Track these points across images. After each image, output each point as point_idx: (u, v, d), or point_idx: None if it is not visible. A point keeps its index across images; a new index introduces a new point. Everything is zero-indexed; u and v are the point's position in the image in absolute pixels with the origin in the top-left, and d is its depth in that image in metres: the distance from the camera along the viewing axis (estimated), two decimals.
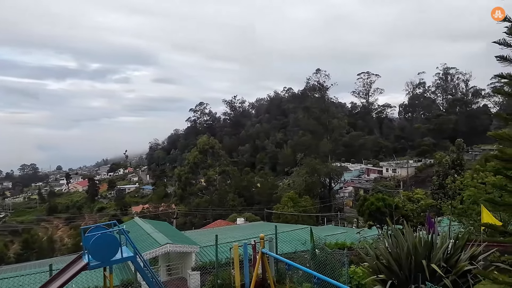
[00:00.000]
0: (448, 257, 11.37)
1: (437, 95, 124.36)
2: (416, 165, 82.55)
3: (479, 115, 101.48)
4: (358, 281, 11.77)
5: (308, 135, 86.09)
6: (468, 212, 23.16)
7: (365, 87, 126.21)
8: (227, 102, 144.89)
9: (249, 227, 30.23)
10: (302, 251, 14.28)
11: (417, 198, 29.71)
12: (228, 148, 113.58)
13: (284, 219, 48.35)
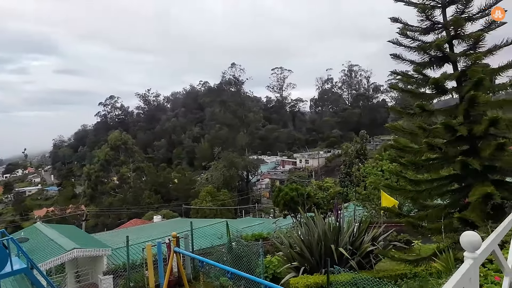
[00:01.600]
0: (353, 240, 12.27)
1: (343, 90, 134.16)
2: (326, 155, 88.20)
3: (379, 108, 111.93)
4: (273, 270, 12.09)
5: (225, 128, 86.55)
6: (370, 197, 25.37)
7: (279, 82, 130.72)
8: (140, 95, 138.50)
9: (167, 225, 29.36)
10: (219, 245, 14.24)
11: (327, 186, 31.69)
12: (143, 143, 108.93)
13: (202, 214, 48.00)
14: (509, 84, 11.53)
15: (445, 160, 11.42)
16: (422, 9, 10.87)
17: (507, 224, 3.35)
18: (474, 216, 9.37)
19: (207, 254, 13.22)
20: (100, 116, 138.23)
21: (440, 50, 11.02)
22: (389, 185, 13.88)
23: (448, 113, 11.53)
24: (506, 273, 3.31)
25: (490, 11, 10.55)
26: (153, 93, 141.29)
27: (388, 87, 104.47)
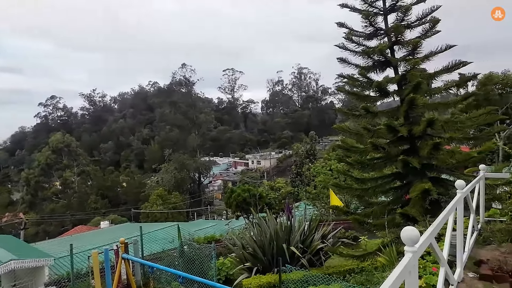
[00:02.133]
0: (304, 238, 12.55)
1: (294, 92, 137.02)
2: (278, 156, 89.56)
3: (328, 110, 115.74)
4: (226, 272, 12.06)
5: (176, 130, 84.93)
6: (320, 196, 26.11)
7: (230, 83, 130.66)
8: (85, 95, 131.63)
9: (115, 231, 28.19)
10: (170, 249, 13.93)
11: (279, 186, 32.19)
12: (88, 146, 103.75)
13: (153, 218, 46.66)
14: (444, 88, 12.47)
15: (388, 159, 12.07)
16: (366, 16, 11.40)
17: (442, 218, 3.61)
18: (414, 211, 9.97)
19: (158, 259, 12.87)
20: (40, 117, 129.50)
21: (382, 55, 11.63)
22: (337, 184, 14.40)
23: (391, 115, 12.19)
24: (442, 264, 3.56)
25: (427, 20, 11.32)
26: (99, 93, 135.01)
27: (335, 90, 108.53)
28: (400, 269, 2.21)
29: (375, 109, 12.16)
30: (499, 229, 6.60)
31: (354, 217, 12.00)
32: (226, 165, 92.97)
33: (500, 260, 5.28)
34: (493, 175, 9.25)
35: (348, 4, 11.83)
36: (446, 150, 11.35)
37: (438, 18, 11.01)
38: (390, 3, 11.64)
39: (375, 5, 11.80)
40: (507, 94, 40.83)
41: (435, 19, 11.02)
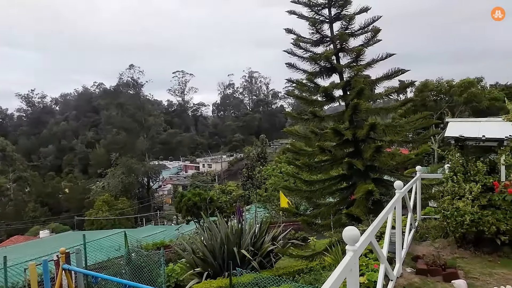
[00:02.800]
0: (255, 241, 12.62)
1: (245, 96, 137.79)
2: (229, 159, 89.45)
3: (278, 114, 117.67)
4: (176, 278, 11.80)
5: (123, 133, 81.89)
6: (271, 198, 26.46)
7: (180, 86, 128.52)
8: (22, 96, 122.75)
9: (55, 240, 26.50)
10: (117, 258, 13.36)
11: (230, 190, 32.17)
12: (26, 150, 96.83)
13: (98, 225, 44.53)
14: (385, 93, 13.20)
15: (334, 161, 12.53)
16: (313, 23, 11.79)
17: (381, 217, 3.83)
18: (359, 211, 10.44)
19: (103, 268, 12.29)
20: None
21: (328, 61, 12.08)
22: (286, 186, 14.67)
23: (337, 119, 12.68)
24: (381, 261, 3.77)
25: (369, 29, 11.94)
26: (38, 94, 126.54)
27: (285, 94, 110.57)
28: (342, 268, 2.32)
29: (322, 113, 12.59)
30: (433, 226, 7.10)
31: (303, 218, 12.31)
32: (176, 169, 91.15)
33: (434, 255, 5.69)
34: (428, 175, 9.92)
35: (295, 11, 12.16)
36: (387, 152, 12.03)
37: (379, 28, 11.67)
38: (335, 12, 12.13)
39: (321, 13, 12.25)
40: (441, 100, 44.15)
41: (376, 29, 11.66)
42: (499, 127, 6.43)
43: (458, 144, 6.68)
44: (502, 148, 6.24)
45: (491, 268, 5.46)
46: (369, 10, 11.84)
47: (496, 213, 5.82)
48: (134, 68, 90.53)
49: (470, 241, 6.11)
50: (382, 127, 11.65)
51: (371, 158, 11.53)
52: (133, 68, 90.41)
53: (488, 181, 6.14)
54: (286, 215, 20.33)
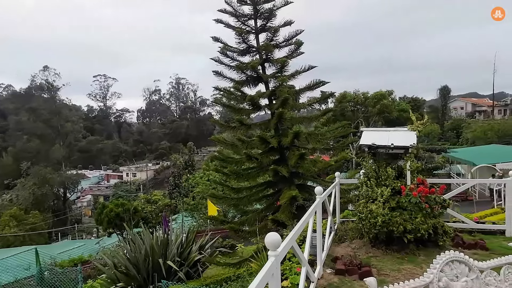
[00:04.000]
0: (181, 251, 12.35)
1: (171, 102, 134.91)
2: (155, 167, 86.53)
3: (206, 121, 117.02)
4: None
5: (36, 140, 74.82)
6: (198, 207, 26.13)
7: (102, 90, 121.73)
8: None
9: None
10: (26, 278, 12.14)
11: (156, 199, 31.08)
12: None
13: (5, 243, 39.92)
14: (307, 103, 13.87)
15: (261, 168, 12.81)
16: (239, 33, 12.03)
17: (302, 222, 4.02)
18: (284, 217, 10.79)
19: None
20: None
21: (254, 71, 12.39)
22: (214, 194, 14.62)
23: (263, 127, 13.02)
24: (303, 264, 3.94)
25: (292, 41, 12.51)
26: None
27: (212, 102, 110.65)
28: (263, 273, 2.39)
29: (249, 122, 12.84)
30: (350, 228, 7.61)
31: (230, 225, 12.36)
32: (97, 178, 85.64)
33: (351, 255, 6.09)
34: (346, 181, 10.62)
35: (222, 20, 12.31)
36: (310, 159, 12.62)
37: (302, 41, 12.29)
38: (261, 23, 12.51)
39: (248, 24, 12.55)
40: (358, 110, 47.72)
41: (299, 42, 12.27)
42: (405, 136, 7.14)
43: (371, 152, 7.27)
44: (407, 155, 6.93)
45: (400, 265, 5.99)
46: (293, 23, 12.41)
47: (403, 214, 6.42)
48: (49, 70, 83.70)
49: (382, 241, 6.64)
50: (305, 135, 12.22)
51: (295, 165, 12.01)
52: (48, 70, 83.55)
53: (396, 185, 6.76)
54: (214, 223, 20.22)
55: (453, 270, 3.33)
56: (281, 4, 12.09)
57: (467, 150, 41.62)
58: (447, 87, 72.60)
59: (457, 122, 63.33)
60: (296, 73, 12.56)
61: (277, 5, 12.12)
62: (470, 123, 59.40)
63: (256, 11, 12.26)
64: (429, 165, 31.54)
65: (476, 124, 55.94)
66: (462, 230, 7.88)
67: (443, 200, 6.70)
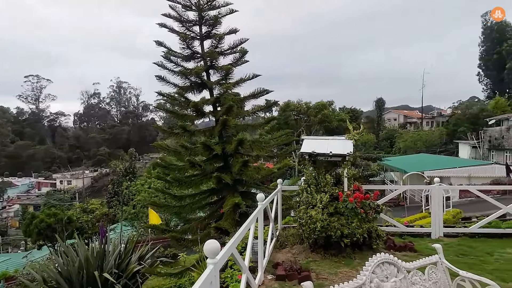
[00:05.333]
0: (120, 262, 11.79)
1: (112, 107, 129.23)
2: (93, 175, 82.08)
3: (148, 127, 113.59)
4: None
5: None
6: (139, 215, 25.22)
7: (34, 92, 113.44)
8: None
9: None
10: None
11: (92, 208, 29.53)
12: None
13: None
14: (252, 111, 14.02)
15: (204, 175, 12.68)
16: (183, 38, 11.89)
17: (243, 229, 4.03)
18: (227, 224, 10.74)
19: None
20: None
21: (199, 77, 12.30)
22: (155, 202, 14.21)
23: (207, 134, 12.92)
24: (243, 271, 3.95)
25: (237, 49, 12.62)
26: None
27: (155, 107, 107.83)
28: (201, 281, 2.35)
29: (192, 128, 12.66)
30: (292, 233, 7.77)
31: (172, 234, 12.06)
32: (26, 186, 79.19)
33: (291, 261, 6.22)
34: (288, 187, 10.85)
35: (167, 25, 12.10)
36: (253, 166, 12.73)
37: (246, 49, 12.44)
38: (206, 30, 12.47)
39: (193, 30, 12.45)
40: (300, 119, 49.22)
41: (244, 50, 12.41)
42: (343, 144, 7.49)
43: (311, 159, 7.52)
44: (344, 163, 7.27)
45: (337, 268, 6.23)
46: (238, 32, 12.53)
47: (341, 219, 6.70)
48: None
49: (321, 245, 6.86)
50: (250, 143, 12.32)
51: (239, 172, 12.04)
52: None
53: (334, 191, 7.05)
54: (155, 232, 19.60)
55: (383, 272, 3.53)
56: (226, 12, 12.17)
57: (399, 158, 44.63)
58: (382, 100, 77.46)
59: (390, 132, 67.78)
60: (241, 80, 12.66)
61: (222, 13, 12.17)
62: (402, 133, 63.90)
63: (201, 17, 12.22)
64: (366, 173, 33.31)
65: (407, 135, 60.33)
66: (394, 233, 8.39)
67: (377, 206, 7.09)
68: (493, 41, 58.16)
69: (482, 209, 15.72)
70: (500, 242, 7.86)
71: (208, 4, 12.27)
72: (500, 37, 57.13)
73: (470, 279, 3.90)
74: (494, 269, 6.12)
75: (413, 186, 27.34)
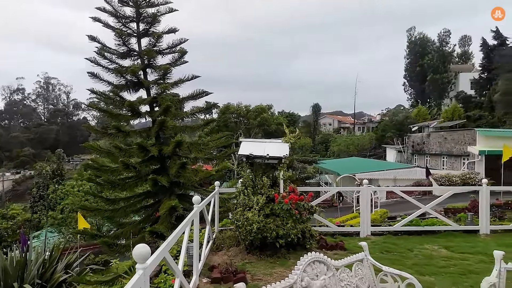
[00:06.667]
0: (43, 271, 10.95)
1: (38, 104, 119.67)
2: (14, 177, 75.29)
3: (80, 126, 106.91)
4: None
5: None
6: (67, 220, 23.61)
7: None
8: None
9: None
10: None
11: (13, 214, 27.09)
12: None
13: None
14: (190, 112, 13.86)
15: (139, 178, 12.25)
16: (119, 34, 11.41)
17: (177, 232, 3.95)
18: (163, 228, 10.47)
19: None
20: None
21: (135, 76, 11.88)
22: (85, 206, 13.41)
23: (144, 135, 12.50)
24: (176, 275, 3.87)
25: (176, 49, 12.39)
26: None
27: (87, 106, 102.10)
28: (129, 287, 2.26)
29: (127, 128, 12.19)
30: (228, 236, 7.78)
31: (103, 240, 11.47)
32: None
33: (227, 263, 6.21)
34: (226, 190, 10.85)
35: (101, 19, 11.53)
36: (191, 169, 12.56)
37: (186, 50, 12.26)
38: (143, 27, 12.10)
39: (129, 26, 12.01)
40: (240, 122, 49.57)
41: (183, 50, 12.22)
42: (279, 147, 7.66)
43: (249, 162, 7.60)
44: (281, 165, 7.45)
45: (272, 269, 6.34)
46: (177, 31, 12.31)
47: (276, 221, 6.84)
48: None
49: (257, 247, 6.95)
50: (188, 145, 12.15)
51: (176, 174, 11.81)
52: None
53: (271, 193, 7.18)
54: (86, 238, 18.48)
55: (314, 270, 3.66)
56: (166, 11, 11.91)
57: (333, 161, 46.83)
58: (318, 105, 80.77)
59: (325, 137, 70.96)
60: (180, 81, 12.46)
61: (161, 11, 11.89)
62: (336, 137, 67.21)
63: (139, 14, 11.82)
64: (302, 175, 34.41)
65: (341, 139, 63.61)
66: (326, 233, 8.76)
67: (311, 207, 7.36)
68: (416, 55, 63.41)
69: (405, 209, 17.04)
70: (419, 238, 8.56)
71: (146, 1, 11.91)
72: (422, 51, 62.46)
73: (392, 273, 4.19)
74: (413, 263, 6.64)
75: (344, 187, 28.83)
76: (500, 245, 7.69)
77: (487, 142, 29.84)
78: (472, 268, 6.29)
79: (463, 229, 9.07)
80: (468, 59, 70.08)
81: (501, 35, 50.01)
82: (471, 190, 15.74)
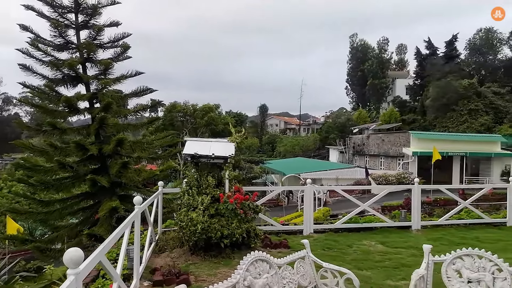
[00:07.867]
0: None
1: None
2: None
3: (11, 122, 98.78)
4: None
5: None
6: None
7: None
8: None
9: None
10: None
11: None
12: None
13: None
14: (133, 110, 13.36)
15: (77, 178, 11.58)
16: (55, 25, 10.70)
17: (115, 234, 3.76)
18: (102, 230, 9.98)
19: None
20: None
21: (73, 70, 11.21)
22: (14, 209, 12.39)
23: (83, 132, 11.83)
24: (114, 280, 3.68)
25: (119, 44, 11.87)
26: None
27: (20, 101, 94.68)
28: None
29: (64, 126, 11.45)
30: (172, 237, 7.58)
31: (35, 245, 10.70)
32: None
33: (170, 265, 6.05)
34: (170, 190, 10.59)
35: (34, 8, 10.71)
36: (134, 168, 12.10)
37: (129, 44, 11.80)
38: (83, 19, 11.46)
39: (67, 17, 11.31)
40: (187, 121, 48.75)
41: (126, 45, 11.74)
42: (225, 147, 7.62)
43: (194, 161, 7.47)
44: (226, 165, 7.41)
45: (216, 269, 6.29)
46: (120, 25, 11.81)
47: (221, 221, 6.80)
48: None
49: (201, 248, 6.85)
50: (130, 143, 11.70)
51: (117, 174, 11.33)
52: None
53: (216, 193, 7.12)
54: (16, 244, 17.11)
55: (256, 269, 3.68)
56: (107, 3, 11.36)
57: (279, 161, 47.71)
58: (265, 106, 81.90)
59: (272, 137, 72.08)
60: (122, 77, 11.96)
61: (103, 3, 11.32)
62: (282, 138, 68.52)
63: (78, 4, 11.17)
64: (249, 175, 34.64)
65: (287, 140, 64.99)
66: (271, 232, 8.87)
67: (256, 206, 7.40)
68: (358, 60, 66.71)
69: (346, 207, 17.79)
70: (358, 235, 8.97)
71: None
72: (363, 57, 65.83)
73: (331, 269, 4.33)
74: (352, 259, 6.94)
75: (289, 187, 29.47)
76: (429, 240, 8.29)
77: (419, 144, 32.12)
78: (405, 262, 6.70)
79: (397, 225, 9.65)
80: (404, 66, 75.03)
81: (433, 45, 54.16)
82: (405, 188, 16.88)
